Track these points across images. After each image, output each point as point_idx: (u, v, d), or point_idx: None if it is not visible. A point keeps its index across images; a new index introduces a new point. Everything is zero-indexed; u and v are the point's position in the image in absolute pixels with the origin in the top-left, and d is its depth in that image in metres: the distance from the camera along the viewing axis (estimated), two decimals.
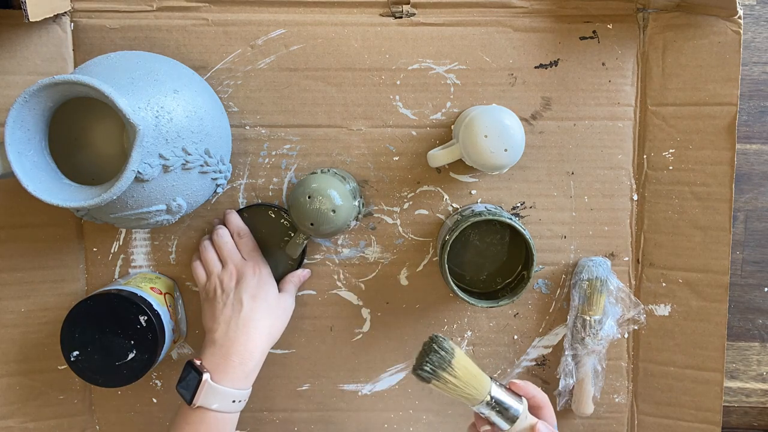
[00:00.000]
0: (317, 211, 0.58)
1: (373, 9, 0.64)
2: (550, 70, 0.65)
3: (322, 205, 0.58)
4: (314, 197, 0.58)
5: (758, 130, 0.70)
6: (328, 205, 0.58)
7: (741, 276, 0.72)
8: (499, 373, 0.69)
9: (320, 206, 0.58)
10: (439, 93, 0.65)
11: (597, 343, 0.65)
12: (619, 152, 0.66)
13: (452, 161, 0.61)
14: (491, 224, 0.65)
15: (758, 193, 0.71)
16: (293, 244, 0.62)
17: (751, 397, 0.73)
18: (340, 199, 0.59)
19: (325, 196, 0.58)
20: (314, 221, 0.59)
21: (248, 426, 0.69)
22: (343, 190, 0.60)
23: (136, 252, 0.67)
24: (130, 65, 0.55)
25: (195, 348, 0.68)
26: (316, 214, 0.58)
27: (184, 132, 0.53)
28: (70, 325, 0.59)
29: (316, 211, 0.58)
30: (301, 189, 0.59)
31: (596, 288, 0.64)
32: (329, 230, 0.60)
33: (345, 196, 0.59)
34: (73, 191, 0.51)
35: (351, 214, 0.61)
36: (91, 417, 0.68)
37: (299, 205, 0.59)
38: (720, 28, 0.63)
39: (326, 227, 0.59)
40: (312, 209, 0.58)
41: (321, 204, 0.58)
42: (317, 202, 0.58)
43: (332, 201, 0.58)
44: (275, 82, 0.65)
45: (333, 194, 0.59)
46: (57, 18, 0.63)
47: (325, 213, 0.58)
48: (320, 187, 0.59)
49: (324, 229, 0.59)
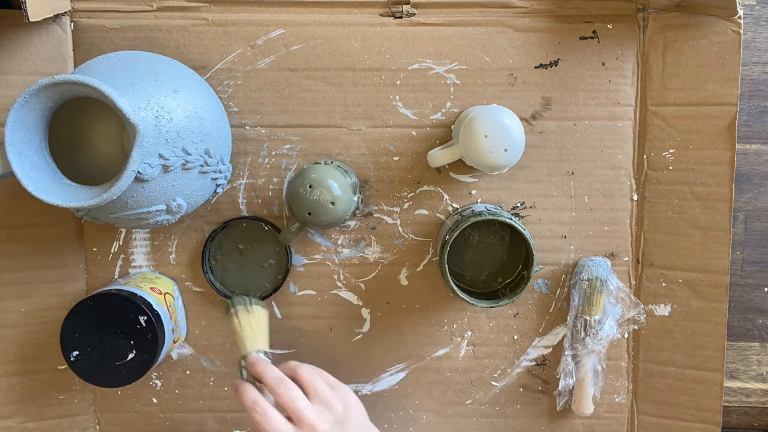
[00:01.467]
0: (316, 201, 0.58)
1: (373, 9, 0.64)
2: (550, 70, 0.65)
3: (322, 195, 0.58)
4: (314, 187, 0.58)
5: (758, 130, 0.70)
6: (327, 196, 0.58)
7: (741, 276, 0.72)
8: (499, 373, 0.69)
9: (319, 196, 0.58)
10: (439, 93, 0.65)
11: (597, 343, 0.65)
12: (619, 152, 0.66)
13: (452, 161, 0.61)
14: (491, 224, 0.65)
15: (758, 193, 0.71)
16: (287, 232, 0.62)
17: (751, 397, 0.73)
18: (340, 191, 0.59)
19: (325, 186, 0.58)
20: (312, 211, 0.59)
21: (248, 426, 0.69)
22: (343, 182, 0.60)
23: (136, 252, 0.67)
24: (130, 65, 0.55)
25: (195, 348, 0.68)
26: (315, 204, 0.58)
27: (184, 132, 0.53)
28: (70, 325, 0.59)
29: (315, 202, 0.58)
30: (302, 178, 0.59)
31: (596, 288, 0.64)
32: (326, 221, 0.60)
33: (345, 189, 0.59)
34: (73, 191, 0.51)
35: (349, 207, 0.61)
36: (91, 417, 0.68)
37: (298, 193, 0.59)
38: (720, 28, 0.63)
39: (323, 218, 0.59)
40: (311, 199, 0.58)
41: (320, 194, 0.58)
42: (317, 192, 0.58)
43: (332, 192, 0.58)
44: (275, 82, 0.65)
45: (333, 185, 0.59)
46: (57, 18, 0.63)
47: (324, 204, 0.58)
48: (321, 178, 0.59)
49: (321, 220, 0.59)
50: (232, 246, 0.66)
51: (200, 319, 0.67)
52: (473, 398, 0.69)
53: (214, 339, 0.68)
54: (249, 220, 0.66)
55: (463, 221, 0.59)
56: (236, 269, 0.66)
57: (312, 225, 0.61)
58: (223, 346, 0.68)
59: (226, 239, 0.66)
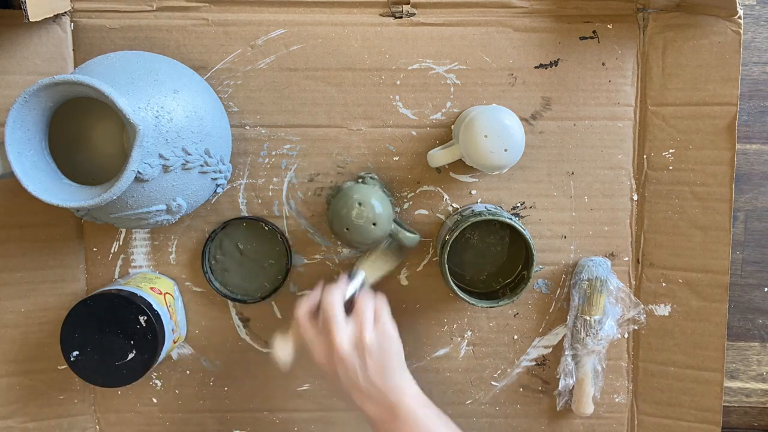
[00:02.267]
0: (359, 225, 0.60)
1: (373, 9, 0.64)
2: (550, 70, 0.65)
3: (367, 221, 0.60)
4: (360, 209, 0.60)
5: (758, 130, 0.70)
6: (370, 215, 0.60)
7: (741, 276, 0.72)
8: (499, 373, 0.69)
9: (365, 220, 0.60)
10: (439, 93, 0.65)
11: (597, 343, 0.65)
12: (619, 152, 0.66)
13: (452, 161, 0.61)
14: (491, 224, 0.65)
15: (758, 193, 0.71)
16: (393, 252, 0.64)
17: (751, 397, 0.73)
18: (384, 219, 0.61)
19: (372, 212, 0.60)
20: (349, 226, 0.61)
21: (248, 426, 0.69)
22: (387, 208, 0.62)
23: (136, 252, 0.67)
24: (130, 65, 0.55)
25: (195, 348, 0.68)
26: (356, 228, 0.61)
27: (184, 132, 0.53)
28: (70, 325, 0.59)
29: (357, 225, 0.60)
30: (350, 200, 0.61)
31: (596, 288, 0.64)
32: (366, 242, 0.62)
33: (387, 213, 0.62)
34: (73, 191, 0.51)
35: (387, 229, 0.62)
36: (91, 417, 0.68)
37: (344, 216, 0.61)
38: (720, 28, 0.63)
39: (365, 240, 0.61)
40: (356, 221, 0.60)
41: (365, 218, 0.60)
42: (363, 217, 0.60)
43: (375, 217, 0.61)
44: (275, 82, 0.65)
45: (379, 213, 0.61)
46: (57, 18, 0.63)
47: (366, 228, 0.60)
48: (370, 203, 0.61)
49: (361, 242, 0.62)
50: (232, 246, 0.66)
51: (200, 319, 0.67)
52: (473, 398, 0.69)
53: (214, 339, 0.68)
54: (249, 220, 0.66)
55: (463, 221, 0.59)
56: (236, 269, 0.66)
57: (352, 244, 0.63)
58: (223, 346, 0.68)
59: (226, 239, 0.66)
